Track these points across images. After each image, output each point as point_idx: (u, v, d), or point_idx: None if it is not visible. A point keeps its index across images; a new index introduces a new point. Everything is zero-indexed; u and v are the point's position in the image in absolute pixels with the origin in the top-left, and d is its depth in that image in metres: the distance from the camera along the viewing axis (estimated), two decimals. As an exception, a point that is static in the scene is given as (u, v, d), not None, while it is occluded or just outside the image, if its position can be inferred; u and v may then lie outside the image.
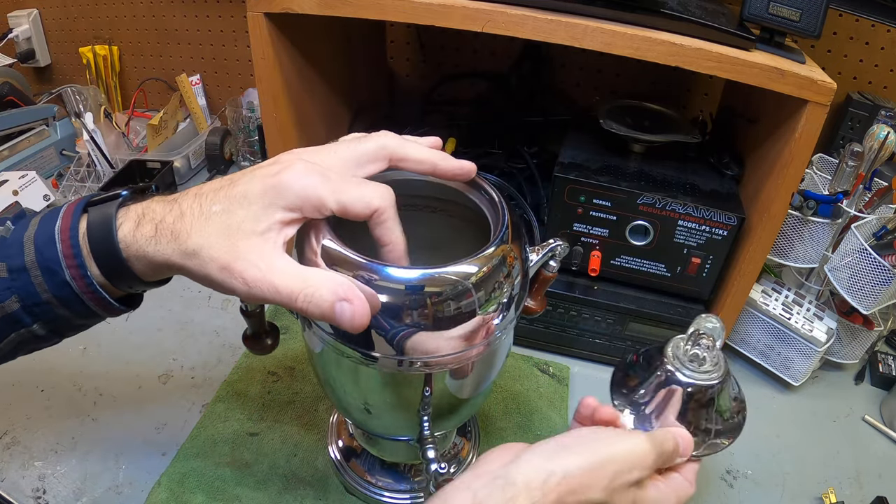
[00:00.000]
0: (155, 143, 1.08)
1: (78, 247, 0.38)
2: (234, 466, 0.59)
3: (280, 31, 0.63)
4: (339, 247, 0.39)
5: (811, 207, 0.67)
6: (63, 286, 0.38)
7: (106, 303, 0.40)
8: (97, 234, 0.38)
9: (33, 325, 0.40)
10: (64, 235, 0.39)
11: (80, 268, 0.38)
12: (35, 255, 0.38)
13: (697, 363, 0.45)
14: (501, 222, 0.42)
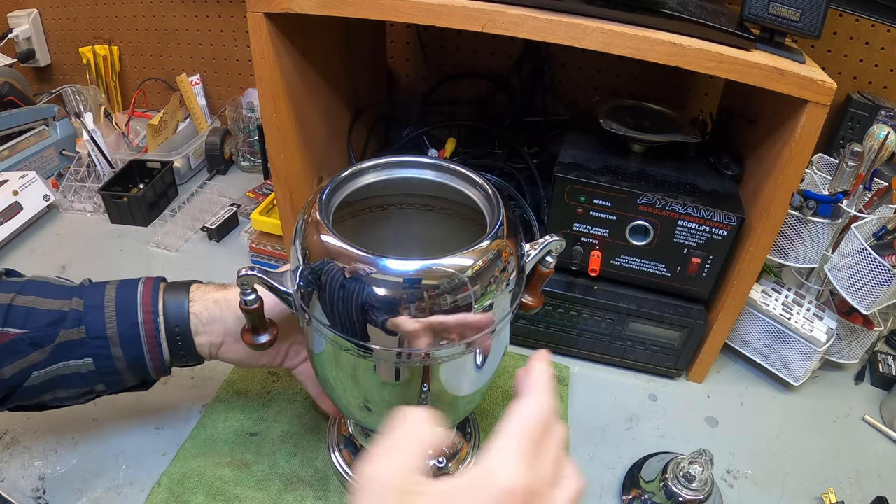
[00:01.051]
0: (155, 143, 1.08)
1: (156, 302, 0.49)
2: (234, 466, 0.59)
3: (280, 31, 0.63)
4: (338, 241, 0.39)
5: (811, 207, 0.67)
6: (132, 326, 0.47)
7: (159, 352, 0.49)
8: (172, 298, 0.50)
9: (82, 359, 0.47)
10: (146, 290, 0.49)
11: (153, 314, 0.48)
12: (116, 298, 0.48)
13: (688, 480, 0.56)
14: (497, 217, 0.43)
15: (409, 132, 0.95)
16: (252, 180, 1.12)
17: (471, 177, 0.48)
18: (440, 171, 0.50)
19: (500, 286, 0.41)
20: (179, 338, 0.48)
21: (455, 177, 0.49)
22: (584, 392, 0.72)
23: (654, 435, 0.68)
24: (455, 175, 0.49)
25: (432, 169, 0.50)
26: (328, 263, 0.39)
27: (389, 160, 0.49)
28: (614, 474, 0.62)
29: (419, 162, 0.50)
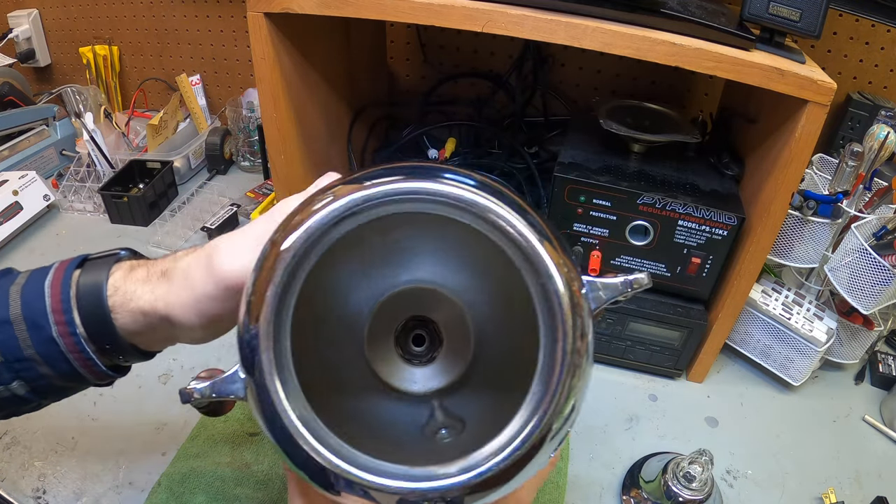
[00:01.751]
0: (155, 143, 1.08)
1: (69, 302, 0.36)
2: (234, 466, 0.59)
3: (280, 31, 0.63)
4: (306, 438, 0.29)
5: (811, 207, 0.67)
6: (49, 343, 0.36)
7: (92, 364, 0.38)
8: (86, 285, 0.37)
9: (13, 383, 0.38)
10: (54, 290, 0.37)
11: (69, 324, 0.36)
12: (21, 308, 0.36)
13: (688, 480, 0.55)
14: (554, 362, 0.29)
15: (409, 132, 0.95)
16: (252, 180, 1.12)
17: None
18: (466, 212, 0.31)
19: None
20: (110, 346, 0.38)
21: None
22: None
23: (654, 435, 0.68)
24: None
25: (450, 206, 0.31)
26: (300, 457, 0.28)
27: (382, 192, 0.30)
28: (614, 474, 0.62)
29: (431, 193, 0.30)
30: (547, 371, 0.29)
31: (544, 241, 0.29)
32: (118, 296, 0.37)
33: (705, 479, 0.55)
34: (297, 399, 0.29)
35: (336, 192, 0.30)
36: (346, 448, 0.29)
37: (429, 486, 0.28)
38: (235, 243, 0.36)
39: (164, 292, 0.37)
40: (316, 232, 0.29)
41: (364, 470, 0.28)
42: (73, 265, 0.38)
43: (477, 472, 0.28)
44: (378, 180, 0.29)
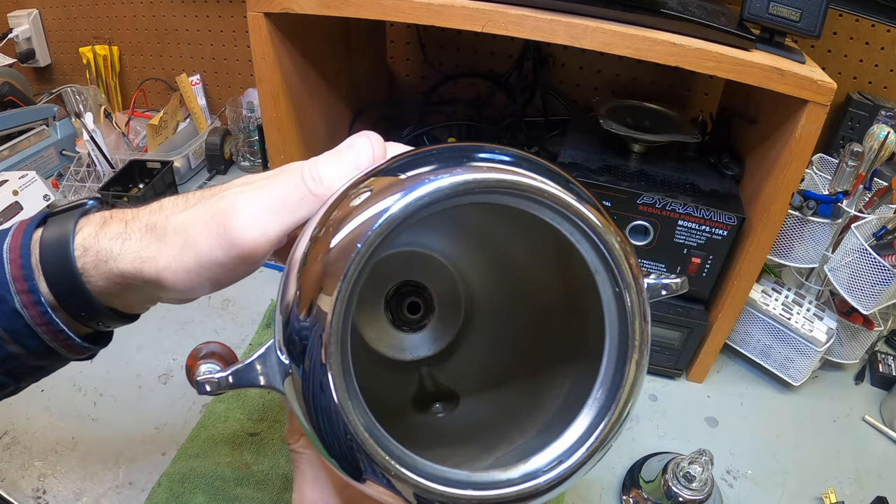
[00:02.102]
0: (155, 143, 1.08)
1: (29, 267, 0.31)
2: (234, 466, 0.59)
3: (280, 31, 0.63)
4: (367, 438, 0.27)
5: (811, 207, 0.67)
6: (13, 316, 0.31)
7: (64, 336, 0.32)
8: (50, 245, 0.31)
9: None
10: (13, 254, 0.31)
11: (32, 293, 0.31)
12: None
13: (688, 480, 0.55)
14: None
15: (409, 132, 0.95)
16: (252, 180, 1.12)
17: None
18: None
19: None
20: (86, 313, 0.33)
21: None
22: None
23: (654, 435, 0.68)
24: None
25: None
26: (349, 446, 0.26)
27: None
28: (614, 474, 0.62)
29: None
30: (612, 380, 0.28)
31: (623, 247, 0.27)
32: (89, 256, 0.31)
33: (705, 479, 0.55)
34: (358, 403, 0.26)
35: (405, 182, 0.26)
36: (407, 453, 0.27)
37: (494, 493, 0.26)
38: (255, 206, 0.30)
39: (154, 253, 0.31)
40: (392, 224, 0.26)
41: (426, 477, 0.26)
42: (34, 223, 0.32)
43: (543, 480, 0.27)
44: (440, 174, 0.26)
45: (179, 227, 0.31)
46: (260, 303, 0.81)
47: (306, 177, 0.30)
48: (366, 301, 0.38)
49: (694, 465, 0.55)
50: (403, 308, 0.39)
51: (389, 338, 0.39)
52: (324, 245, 0.26)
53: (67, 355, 0.34)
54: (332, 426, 0.26)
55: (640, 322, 0.27)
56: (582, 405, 0.29)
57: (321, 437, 0.27)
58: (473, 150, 0.27)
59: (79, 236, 0.31)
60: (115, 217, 0.32)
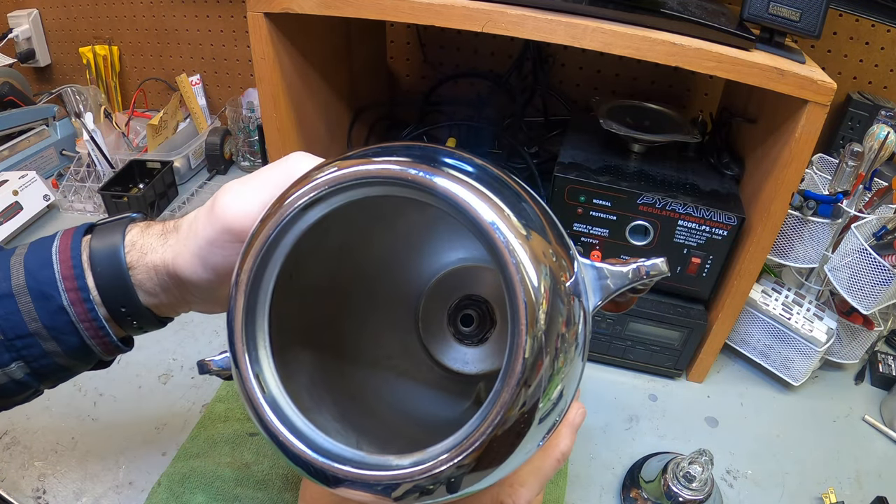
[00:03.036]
0: (155, 143, 1.08)
1: (80, 267, 0.34)
2: (234, 466, 0.59)
3: (280, 31, 0.63)
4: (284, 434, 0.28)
5: (811, 207, 0.67)
6: (57, 313, 0.33)
7: (103, 333, 0.35)
8: (102, 245, 0.34)
9: (11, 365, 0.34)
10: (63, 255, 0.34)
11: (81, 290, 0.33)
12: (25, 277, 0.33)
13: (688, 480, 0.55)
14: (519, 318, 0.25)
15: (409, 132, 0.95)
16: (252, 180, 1.12)
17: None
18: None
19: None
20: (126, 309, 0.36)
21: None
22: (584, 392, 0.72)
23: (654, 435, 0.68)
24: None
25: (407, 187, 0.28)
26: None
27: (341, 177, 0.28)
28: (614, 474, 0.62)
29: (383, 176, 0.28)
30: (507, 367, 0.26)
31: (510, 225, 0.26)
32: (135, 251, 0.35)
33: (705, 479, 0.55)
34: (273, 378, 0.28)
35: (340, 165, 0.28)
36: (320, 435, 0.28)
37: (380, 473, 0.26)
38: (242, 186, 0.34)
39: (173, 243, 0.35)
40: (285, 224, 0.28)
41: (341, 462, 0.27)
42: (81, 231, 0.36)
43: (433, 465, 0.26)
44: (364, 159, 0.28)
45: (189, 218, 0.36)
46: (260, 303, 0.81)
47: (290, 161, 0.34)
48: (432, 317, 0.39)
49: (694, 465, 0.55)
50: (458, 322, 0.39)
51: (453, 351, 0.40)
52: (262, 225, 0.28)
53: (101, 354, 0.37)
54: (260, 419, 0.28)
55: (527, 301, 0.25)
56: None
57: (277, 449, 0.28)
58: (437, 152, 0.28)
59: (128, 236, 0.36)
60: (157, 222, 0.37)
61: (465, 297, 0.39)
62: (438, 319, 0.39)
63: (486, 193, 0.26)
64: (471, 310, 0.39)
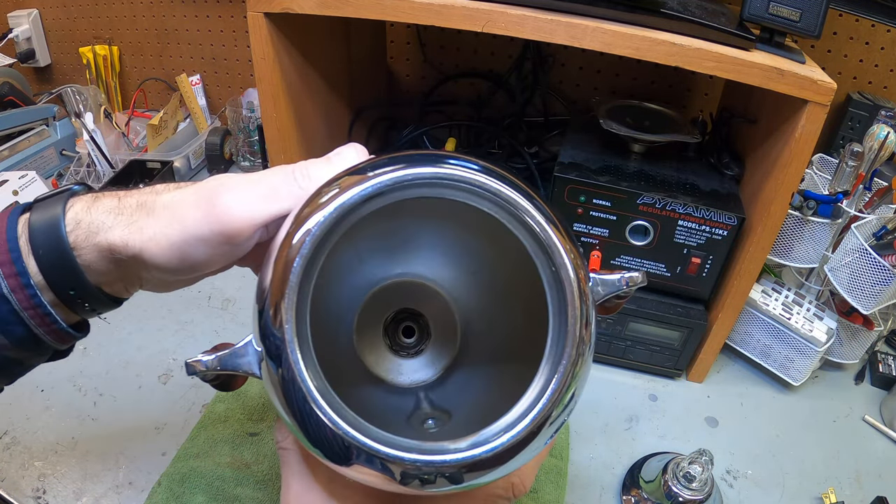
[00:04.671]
0: (155, 143, 1.08)
1: (17, 250, 0.31)
2: (234, 466, 0.59)
3: (280, 31, 0.63)
4: (328, 414, 0.29)
5: (811, 207, 0.67)
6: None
7: (51, 320, 0.32)
8: (40, 223, 0.31)
9: None
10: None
11: (21, 275, 0.30)
12: None
13: (688, 480, 0.55)
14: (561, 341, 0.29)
15: (409, 132, 0.95)
16: (252, 180, 1.12)
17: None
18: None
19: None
20: (76, 292, 0.33)
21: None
22: (584, 392, 0.72)
23: (654, 435, 0.68)
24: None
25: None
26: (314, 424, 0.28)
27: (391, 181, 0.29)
28: (614, 474, 0.62)
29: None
30: (555, 356, 0.29)
31: (554, 227, 0.29)
32: (80, 230, 0.31)
33: (705, 479, 0.55)
34: (315, 372, 0.28)
35: (368, 171, 0.29)
36: (361, 422, 0.28)
37: (441, 458, 0.27)
38: (245, 188, 0.31)
39: (142, 226, 0.31)
40: (344, 211, 0.28)
41: (379, 442, 0.28)
42: (19, 209, 0.32)
43: (487, 448, 0.28)
44: (396, 166, 0.29)
45: (169, 204, 0.32)
46: (260, 303, 0.81)
47: (296, 172, 0.32)
48: (366, 328, 0.40)
49: (694, 465, 0.55)
50: (399, 333, 0.41)
51: (388, 362, 0.40)
52: (290, 237, 0.28)
53: (51, 342, 0.34)
54: (302, 411, 0.28)
55: (578, 300, 0.29)
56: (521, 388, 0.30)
57: (299, 426, 0.28)
58: (442, 155, 0.30)
59: (70, 212, 0.32)
60: (107, 195, 0.33)
61: (401, 310, 0.40)
62: (374, 332, 0.40)
63: (536, 199, 0.30)
64: (410, 322, 0.40)
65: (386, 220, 0.34)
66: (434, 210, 0.34)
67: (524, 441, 0.28)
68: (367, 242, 0.38)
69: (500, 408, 0.29)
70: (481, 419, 0.29)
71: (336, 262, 0.35)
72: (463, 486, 0.29)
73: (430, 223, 0.37)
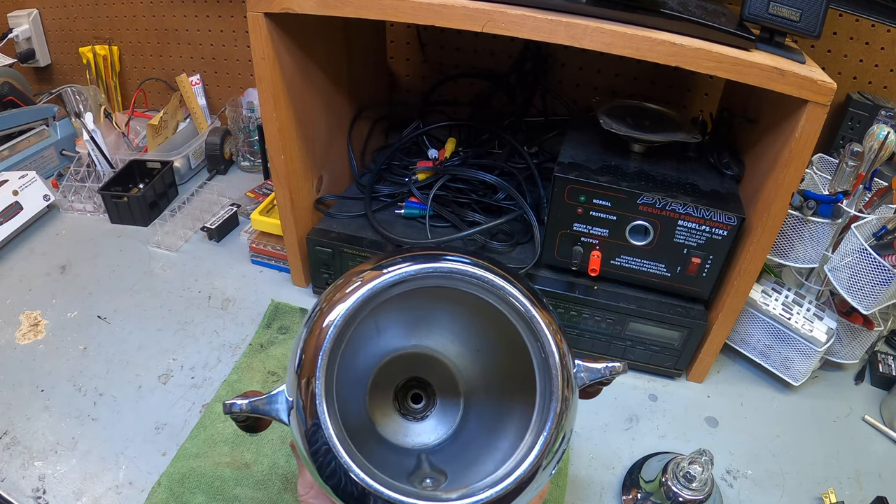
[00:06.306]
0: (155, 143, 1.08)
1: None
2: (234, 466, 0.59)
3: (280, 31, 0.63)
4: (357, 472, 0.34)
5: (811, 207, 0.67)
6: None
7: None
8: None
9: None
10: None
11: None
12: None
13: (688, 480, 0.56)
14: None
15: (409, 132, 0.95)
16: (252, 180, 1.12)
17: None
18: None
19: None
20: None
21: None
22: (584, 392, 0.72)
23: (654, 435, 0.68)
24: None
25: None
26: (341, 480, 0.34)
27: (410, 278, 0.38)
28: (614, 474, 0.62)
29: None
30: (540, 421, 0.35)
31: (540, 309, 0.37)
32: None
33: (705, 479, 0.55)
34: (338, 425, 0.34)
35: (383, 269, 0.37)
36: (374, 470, 0.34)
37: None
38: None
39: None
40: (367, 297, 0.36)
41: (389, 488, 0.33)
42: None
43: (475, 500, 0.33)
44: (403, 264, 0.37)
45: None
46: (260, 303, 0.81)
47: None
48: (378, 391, 0.45)
49: (694, 465, 0.55)
50: (408, 399, 0.46)
51: (395, 424, 0.45)
52: (319, 322, 0.36)
53: None
54: (324, 458, 0.34)
55: (561, 378, 0.35)
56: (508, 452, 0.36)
57: (319, 471, 0.34)
58: (441, 253, 0.38)
59: None
60: None
61: (411, 378, 0.46)
62: (385, 397, 0.46)
63: (529, 292, 0.37)
64: (418, 389, 0.46)
65: (405, 299, 0.40)
66: (446, 294, 0.40)
67: (514, 492, 0.33)
68: (386, 316, 0.44)
69: (490, 470, 0.35)
70: (474, 476, 0.35)
71: (357, 332, 0.41)
72: None
73: (442, 304, 0.43)
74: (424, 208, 0.79)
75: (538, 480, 0.34)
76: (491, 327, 0.42)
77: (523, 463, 0.34)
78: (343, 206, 0.85)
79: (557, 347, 0.36)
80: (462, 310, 0.43)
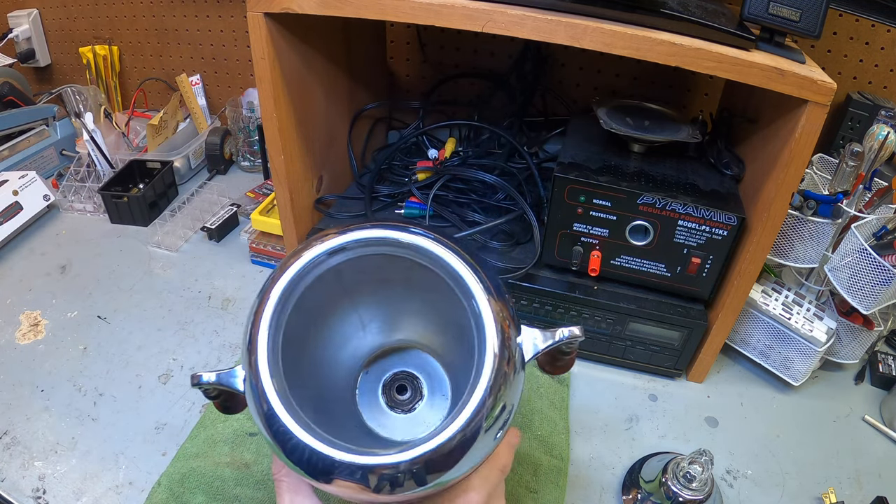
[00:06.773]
0: (155, 143, 1.08)
1: None
2: (234, 466, 0.59)
3: (280, 31, 0.63)
4: (297, 430, 0.34)
5: (811, 207, 0.67)
6: None
7: None
8: None
9: None
10: None
11: None
12: None
13: (688, 480, 0.55)
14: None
15: (409, 132, 0.95)
16: (252, 180, 1.12)
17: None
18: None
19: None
20: None
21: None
22: (584, 392, 0.72)
23: (654, 435, 0.68)
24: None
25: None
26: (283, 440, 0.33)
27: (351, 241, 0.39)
28: (614, 474, 0.62)
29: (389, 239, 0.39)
30: (475, 383, 0.34)
31: (474, 271, 0.37)
32: None
33: (705, 479, 0.55)
34: (281, 384, 0.34)
35: (325, 236, 0.39)
36: (323, 434, 0.33)
37: (385, 460, 0.32)
38: None
39: None
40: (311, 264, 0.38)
41: (336, 448, 0.33)
42: None
43: (419, 451, 0.33)
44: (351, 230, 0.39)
45: None
46: (260, 303, 0.81)
47: None
48: (367, 387, 0.46)
49: (694, 465, 0.55)
50: (394, 391, 0.47)
51: (384, 417, 0.45)
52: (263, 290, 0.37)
53: None
54: (277, 431, 0.33)
55: (492, 333, 0.35)
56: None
57: (281, 448, 0.34)
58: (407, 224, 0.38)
59: None
60: None
61: (401, 372, 0.46)
62: (373, 391, 0.46)
63: (474, 265, 0.37)
64: (405, 382, 0.46)
65: (381, 290, 0.42)
66: (420, 283, 0.40)
67: (460, 446, 0.33)
68: (367, 310, 0.44)
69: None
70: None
71: (341, 328, 0.42)
72: (428, 486, 0.33)
73: (416, 293, 0.43)
74: (424, 208, 0.79)
75: (482, 442, 0.33)
76: (452, 308, 0.42)
77: (456, 420, 0.33)
78: (343, 206, 0.85)
79: (489, 306, 0.36)
80: (434, 297, 0.42)
